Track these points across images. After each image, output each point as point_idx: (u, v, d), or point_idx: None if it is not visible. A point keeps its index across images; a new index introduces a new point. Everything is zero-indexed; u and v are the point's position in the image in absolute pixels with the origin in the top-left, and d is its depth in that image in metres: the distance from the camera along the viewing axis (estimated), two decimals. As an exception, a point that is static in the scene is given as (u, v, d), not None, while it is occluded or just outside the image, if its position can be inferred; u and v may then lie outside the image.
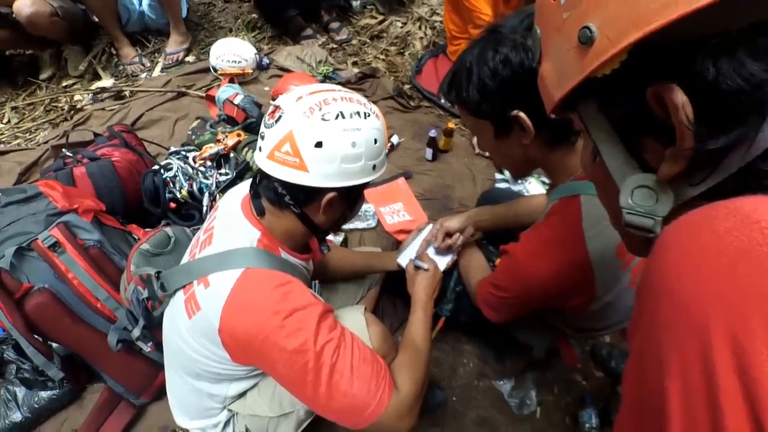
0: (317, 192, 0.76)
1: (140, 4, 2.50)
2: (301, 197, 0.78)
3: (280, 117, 0.73)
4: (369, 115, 0.76)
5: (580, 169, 0.81)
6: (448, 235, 1.18)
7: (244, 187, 0.91)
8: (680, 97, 0.31)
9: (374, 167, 0.79)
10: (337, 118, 0.72)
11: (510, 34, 0.72)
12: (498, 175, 1.96)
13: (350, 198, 0.83)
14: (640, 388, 0.34)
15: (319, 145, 0.71)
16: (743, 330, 0.25)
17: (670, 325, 0.29)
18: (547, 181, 1.85)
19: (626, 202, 0.38)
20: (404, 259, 1.21)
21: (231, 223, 0.83)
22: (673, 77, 0.31)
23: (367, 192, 0.85)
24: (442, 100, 2.25)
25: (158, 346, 1.00)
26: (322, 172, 0.73)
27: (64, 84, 2.42)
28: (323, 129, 0.71)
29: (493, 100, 0.75)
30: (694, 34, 0.30)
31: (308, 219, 0.81)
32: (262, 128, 0.77)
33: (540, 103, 0.72)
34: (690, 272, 0.29)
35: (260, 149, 0.77)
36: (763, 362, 0.24)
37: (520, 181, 1.85)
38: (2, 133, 2.16)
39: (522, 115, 0.73)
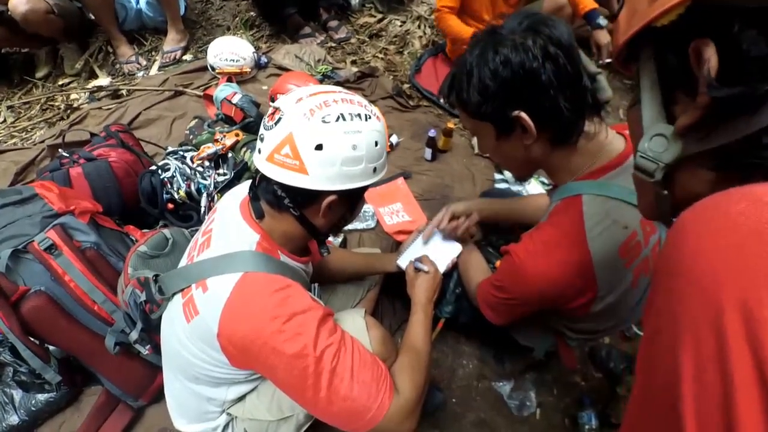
0: (317, 195, 0.75)
1: (137, 2, 2.48)
2: (301, 200, 0.77)
3: (279, 119, 0.72)
4: (370, 117, 0.75)
5: (581, 170, 0.81)
6: (454, 218, 1.19)
7: (242, 188, 0.90)
8: (710, 52, 0.35)
9: (375, 170, 0.78)
10: (337, 120, 0.71)
11: (509, 35, 0.72)
12: (497, 176, 1.96)
13: (350, 201, 0.82)
14: (652, 366, 0.35)
15: (319, 147, 0.71)
16: (753, 300, 0.27)
17: (685, 299, 0.31)
18: (546, 181, 1.85)
19: (642, 146, 0.42)
20: (404, 260, 1.20)
21: (230, 226, 0.82)
22: (713, 36, 0.35)
23: (366, 192, 0.85)
24: (442, 100, 2.24)
25: (156, 349, 0.99)
26: (322, 175, 0.72)
27: (60, 83, 2.40)
28: (324, 131, 0.71)
29: (494, 101, 0.74)
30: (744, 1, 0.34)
31: (308, 222, 0.80)
32: (262, 130, 0.76)
33: (541, 104, 0.72)
34: (704, 249, 0.31)
35: (259, 151, 0.76)
36: None
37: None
38: (-2, 133, 2.14)
39: (523, 115, 0.72)
